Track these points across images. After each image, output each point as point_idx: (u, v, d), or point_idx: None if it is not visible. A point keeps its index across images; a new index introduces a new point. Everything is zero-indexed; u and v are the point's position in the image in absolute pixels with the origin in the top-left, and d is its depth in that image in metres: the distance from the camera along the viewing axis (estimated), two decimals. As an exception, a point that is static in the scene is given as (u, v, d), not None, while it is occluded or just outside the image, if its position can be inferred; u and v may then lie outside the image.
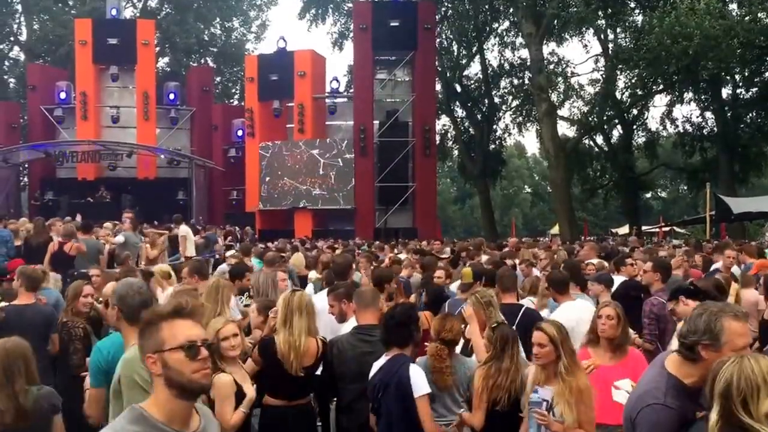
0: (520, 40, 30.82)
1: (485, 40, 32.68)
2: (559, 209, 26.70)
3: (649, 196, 43.42)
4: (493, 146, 33.29)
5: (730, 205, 20.40)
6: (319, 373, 4.02)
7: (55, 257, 8.63)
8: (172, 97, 25.87)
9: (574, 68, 34.63)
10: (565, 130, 33.56)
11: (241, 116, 25.99)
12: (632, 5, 25.87)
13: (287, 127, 24.77)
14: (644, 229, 28.68)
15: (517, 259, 8.83)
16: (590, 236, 25.95)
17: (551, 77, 28.19)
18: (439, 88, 29.57)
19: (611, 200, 33.97)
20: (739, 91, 27.66)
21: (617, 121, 29.87)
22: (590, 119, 29.44)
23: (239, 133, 26.04)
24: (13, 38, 38.34)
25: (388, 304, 4.97)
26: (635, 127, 31.11)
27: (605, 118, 28.88)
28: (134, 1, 38.40)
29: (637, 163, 33.66)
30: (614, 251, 10.35)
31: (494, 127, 33.40)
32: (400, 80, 24.79)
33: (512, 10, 29.12)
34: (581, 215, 35.32)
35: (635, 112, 30.11)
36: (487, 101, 32.89)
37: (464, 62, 34.03)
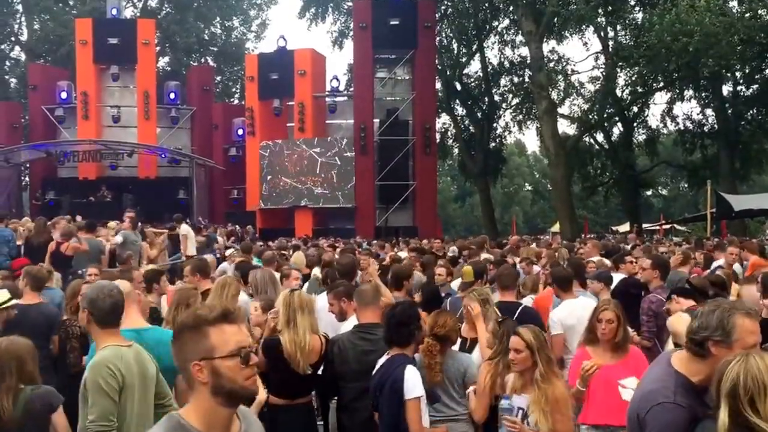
0: (520, 38, 30.71)
1: (485, 38, 32.61)
2: (559, 207, 26.65)
3: (649, 193, 43.30)
4: (493, 144, 33.22)
5: (731, 202, 20.35)
6: (320, 371, 4.03)
7: (53, 257, 8.65)
8: (172, 96, 25.83)
9: (574, 66, 34.77)
10: (565, 127, 33.51)
11: (241, 115, 25.98)
12: (632, 3, 25.84)
13: (287, 126, 24.75)
14: (645, 226, 28.63)
15: (517, 257, 8.85)
16: (591, 234, 25.94)
17: (551, 75, 28.12)
18: (439, 86, 29.51)
19: (612, 198, 33.90)
20: (739, 88, 27.64)
21: (617, 118, 29.78)
22: (590, 117, 29.36)
23: (240, 132, 26.02)
24: (14, 38, 38.35)
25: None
26: (636, 124, 31.01)
27: (605, 115, 28.80)
28: (134, 0, 38.42)
29: (637, 160, 33.56)
30: (616, 249, 10.35)
31: (494, 125, 33.32)
32: (400, 79, 24.75)
33: (512, 8, 29.05)
34: (582, 213, 35.25)
35: (635, 109, 30.00)
36: (487, 99, 32.82)
37: (464, 60, 33.96)
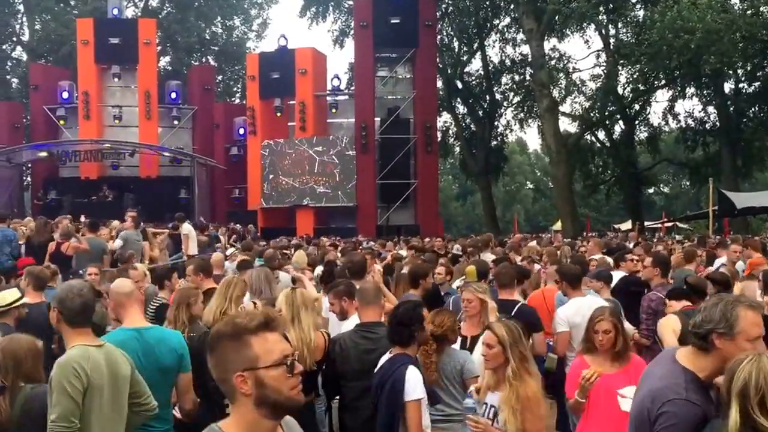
0: (521, 36, 30.69)
1: (486, 36, 32.60)
2: (561, 205, 26.63)
3: (651, 191, 43.21)
4: (494, 142, 33.22)
5: (733, 200, 20.27)
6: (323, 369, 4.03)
7: (53, 257, 8.66)
8: (173, 96, 25.83)
9: (575, 64, 34.82)
10: (566, 125, 33.54)
11: (242, 114, 25.99)
12: (633, 0, 25.81)
13: (289, 125, 24.73)
14: (647, 224, 28.60)
15: (519, 255, 8.86)
16: (592, 232, 25.92)
17: (552, 73, 28.10)
18: (440, 84, 29.48)
19: (613, 196, 33.84)
20: (741, 85, 27.53)
21: (619, 116, 29.72)
22: (592, 115, 29.33)
23: (241, 131, 26.04)
24: (15, 38, 38.40)
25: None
26: (637, 122, 30.94)
27: (607, 113, 28.77)
28: (135, 0, 38.45)
29: (639, 158, 33.52)
30: (619, 247, 10.33)
31: (496, 123, 33.33)
32: (401, 77, 24.72)
33: (513, 6, 29.06)
34: (583, 211, 35.25)
35: (637, 107, 29.94)
36: (488, 98, 32.82)
37: (465, 59, 33.94)
